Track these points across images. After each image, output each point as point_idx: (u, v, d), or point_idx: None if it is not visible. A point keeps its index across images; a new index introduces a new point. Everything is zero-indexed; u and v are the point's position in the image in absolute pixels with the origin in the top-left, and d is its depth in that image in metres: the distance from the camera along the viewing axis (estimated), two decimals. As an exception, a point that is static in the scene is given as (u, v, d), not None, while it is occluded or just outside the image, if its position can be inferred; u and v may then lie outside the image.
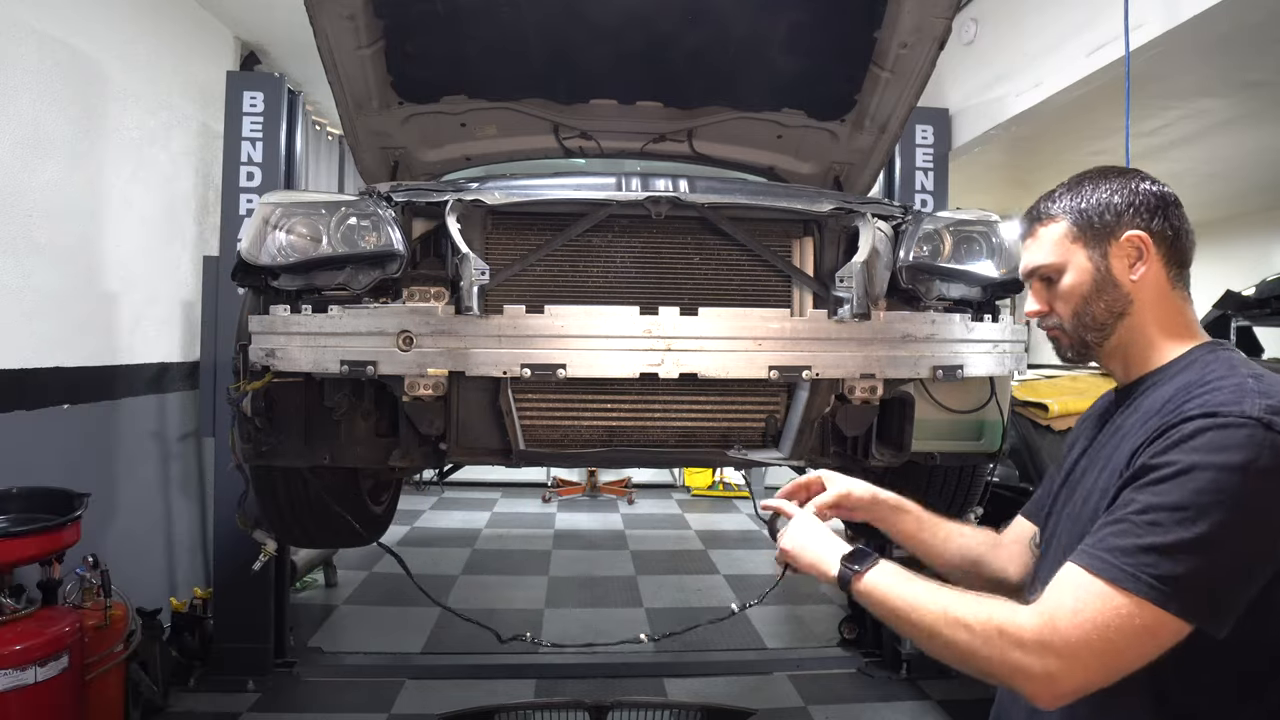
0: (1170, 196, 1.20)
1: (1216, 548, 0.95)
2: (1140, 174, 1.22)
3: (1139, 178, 1.21)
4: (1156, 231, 1.18)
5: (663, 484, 8.98)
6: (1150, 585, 0.96)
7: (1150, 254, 1.17)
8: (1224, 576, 0.97)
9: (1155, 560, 0.96)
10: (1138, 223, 1.18)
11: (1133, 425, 1.12)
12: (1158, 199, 1.19)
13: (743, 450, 2.13)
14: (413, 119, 2.94)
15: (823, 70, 2.83)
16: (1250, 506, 0.96)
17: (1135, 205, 1.18)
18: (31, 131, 3.34)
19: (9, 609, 2.73)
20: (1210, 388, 1.05)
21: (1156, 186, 1.20)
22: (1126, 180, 1.21)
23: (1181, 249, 1.19)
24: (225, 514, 3.92)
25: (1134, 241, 1.17)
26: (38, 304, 3.37)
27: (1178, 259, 1.19)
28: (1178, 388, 1.09)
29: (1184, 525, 0.96)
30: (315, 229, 1.96)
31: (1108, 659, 0.98)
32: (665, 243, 2.09)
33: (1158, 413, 1.07)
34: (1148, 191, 1.19)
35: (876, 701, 3.92)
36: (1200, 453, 0.97)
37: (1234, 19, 3.00)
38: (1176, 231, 1.19)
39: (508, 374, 1.92)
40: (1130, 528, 0.99)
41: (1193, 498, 0.96)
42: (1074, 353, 1.25)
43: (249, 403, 2.00)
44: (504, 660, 4.27)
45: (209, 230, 4.69)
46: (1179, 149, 4.91)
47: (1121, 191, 1.20)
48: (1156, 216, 1.18)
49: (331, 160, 6.59)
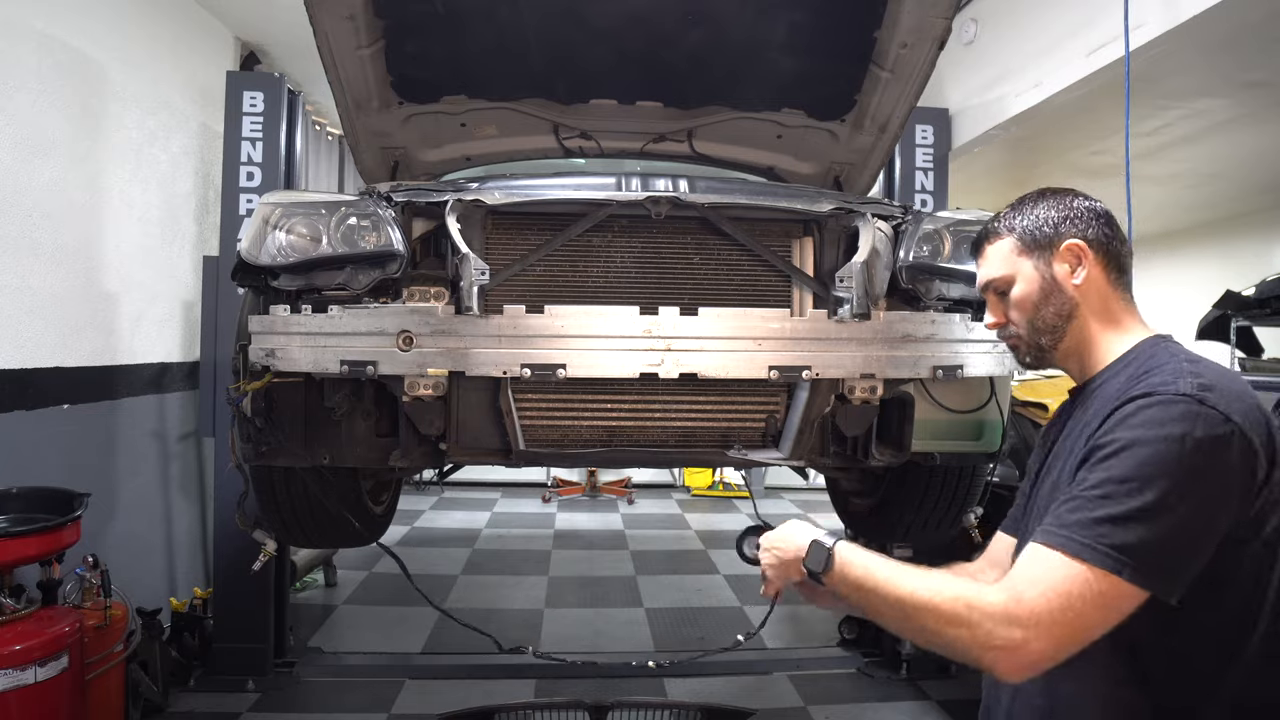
0: (1102, 211, 1.32)
1: (1162, 515, 1.03)
2: (1075, 192, 1.35)
3: (1074, 195, 1.34)
4: (1092, 239, 1.29)
5: (663, 484, 8.98)
6: (1105, 554, 1.03)
7: (1088, 259, 1.29)
8: (1172, 542, 1.04)
9: (1108, 530, 1.04)
10: (1074, 232, 1.30)
11: (1091, 417, 1.19)
12: (1090, 212, 1.31)
13: (743, 450, 2.13)
14: (413, 119, 2.94)
15: (823, 70, 2.82)
16: (1190, 475, 1.04)
17: (1070, 217, 1.31)
18: (31, 131, 3.34)
19: (9, 609, 2.73)
20: (1151, 372, 1.15)
21: (1090, 202, 1.33)
22: (1062, 198, 1.33)
23: (1118, 255, 1.31)
24: (225, 514, 3.92)
25: (1072, 249, 1.29)
26: (37, 304, 3.37)
27: (1116, 265, 1.30)
28: (1125, 379, 1.19)
29: (1131, 495, 1.04)
30: (315, 229, 1.96)
31: (1071, 626, 1.03)
32: (665, 243, 2.09)
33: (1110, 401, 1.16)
34: (1081, 206, 1.32)
35: (876, 701, 3.92)
36: (1141, 428, 1.07)
37: (1234, 19, 3.00)
38: (1110, 239, 1.30)
39: (508, 374, 1.92)
40: (1083, 503, 1.07)
41: (1136, 470, 1.05)
42: (1031, 358, 1.36)
43: (249, 403, 2.00)
44: (504, 660, 4.26)
45: (209, 230, 4.69)
46: (1179, 149, 4.91)
47: (1058, 207, 1.32)
48: (1091, 226, 1.30)
49: (331, 160, 6.59)
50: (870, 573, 1.17)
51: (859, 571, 1.19)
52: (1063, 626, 1.03)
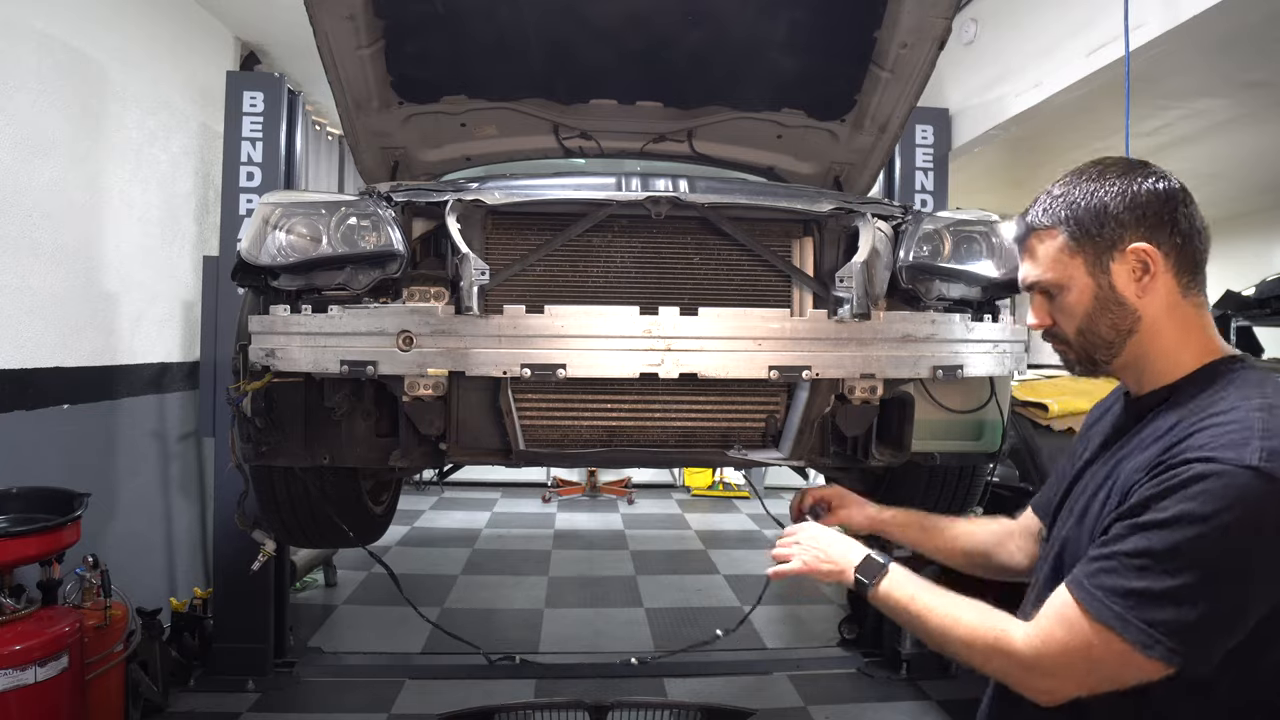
0: (1177, 194, 1.08)
1: (1204, 599, 0.96)
2: (1145, 169, 1.11)
3: (1141, 175, 1.10)
4: (1164, 240, 1.08)
5: (663, 484, 8.99)
6: (1138, 629, 0.98)
7: (1158, 267, 1.08)
8: (1206, 626, 0.97)
9: (1142, 605, 0.98)
10: (1142, 233, 1.08)
11: (1137, 446, 1.10)
12: (1162, 200, 1.08)
13: (743, 450, 2.13)
14: (413, 119, 2.94)
15: (823, 70, 2.82)
16: (1240, 563, 0.95)
17: (1137, 211, 1.08)
18: (31, 131, 3.34)
19: (9, 609, 2.73)
20: (1215, 421, 1.00)
21: (1162, 184, 1.09)
22: (1128, 180, 1.09)
23: (1194, 252, 1.09)
24: (225, 514, 3.92)
25: (1139, 255, 1.08)
26: (37, 304, 3.37)
27: (1190, 264, 1.09)
28: (1184, 412, 1.05)
29: (1171, 574, 0.96)
30: (315, 229, 1.96)
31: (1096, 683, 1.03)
32: (665, 243, 2.09)
33: (1163, 437, 1.05)
34: (1151, 192, 1.08)
35: (876, 701, 3.92)
36: (1193, 501, 0.95)
37: (1234, 19, 3.00)
38: (1186, 236, 1.08)
39: (508, 374, 1.92)
40: (1120, 567, 1.00)
41: (1183, 548, 0.96)
42: (1081, 368, 1.19)
43: (249, 403, 2.00)
44: (504, 660, 4.27)
45: (209, 230, 4.69)
46: (1179, 149, 4.91)
47: (1123, 196, 1.08)
48: (1162, 220, 1.07)
49: (331, 160, 6.59)
50: (914, 599, 1.20)
51: (903, 597, 1.21)
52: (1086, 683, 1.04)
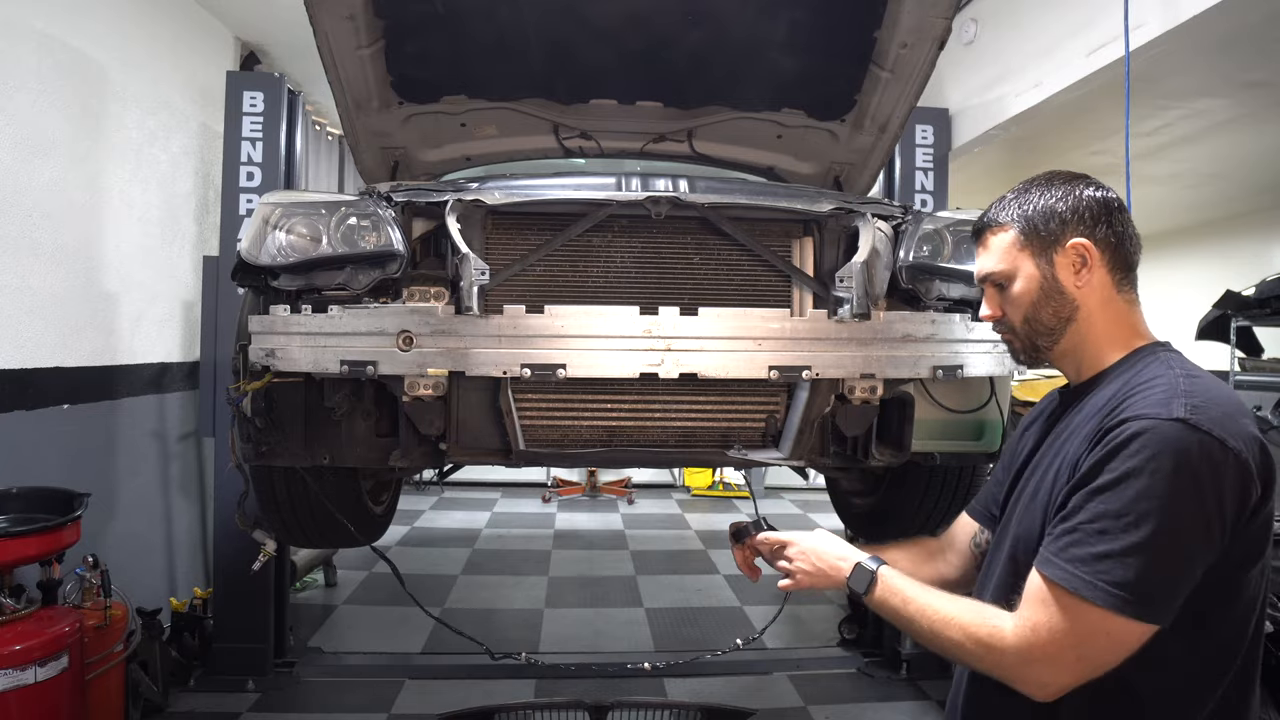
0: (1114, 202, 1.23)
1: (1159, 549, 1.03)
2: (1086, 180, 1.25)
3: (1084, 184, 1.24)
4: (1100, 239, 1.21)
5: (663, 484, 8.99)
6: (1107, 593, 1.04)
7: (1094, 261, 1.21)
8: (1168, 574, 1.04)
9: (1109, 567, 1.04)
10: (1081, 230, 1.21)
11: (1079, 424, 1.19)
12: (1101, 205, 1.22)
13: (743, 450, 2.13)
14: (413, 119, 2.94)
15: (823, 70, 2.82)
16: (1182, 503, 1.03)
17: (1079, 212, 1.22)
18: (31, 131, 3.34)
19: (9, 609, 2.73)
20: (1144, 388, 1.11)
21: (1100, 192, 1.23)
22: (1071, 187, 1.24)
23: (1126, 254, 1.23)
24: (225, 514, 3.92)
25: (1078, 249, 1.21)
26: (37, 304, 3.37)
27: (1123, 263, 1.23)
28: (1117, 388, 1.16)
29: (1129, 530, 1.04)
30: (315, 229, 1.96)
31: (1088, 663, 1.07)
32: (665, 243, 2.09)
33: (1099, 412, 1.15)
34: (1091, 198, 1.22)
35: (876, 701, 3.92)
36: (1134, 458, 1.04)
37: (1234, 19, 3.00)
38: (1120, 237, 1.22)
39: (508, 374, 1.92)
40: (1083, 536, 1.07)
41: (1132, 504, 1.04)
42: (1026, 356, 1.30)
43: (249, 403, 2.00)
44: (504, 660, 4.27)
45: (209, 230, 4.69)
46: (1179, 149, 4.91)
47: (1066, 199, 1.23)
48: (1100, 224, 1.21)
49: (331, 160, 6.59)
50: (906, 603, 1.24)
51: (896, 600, 1.26)
52: (1078, 664, 1.07)
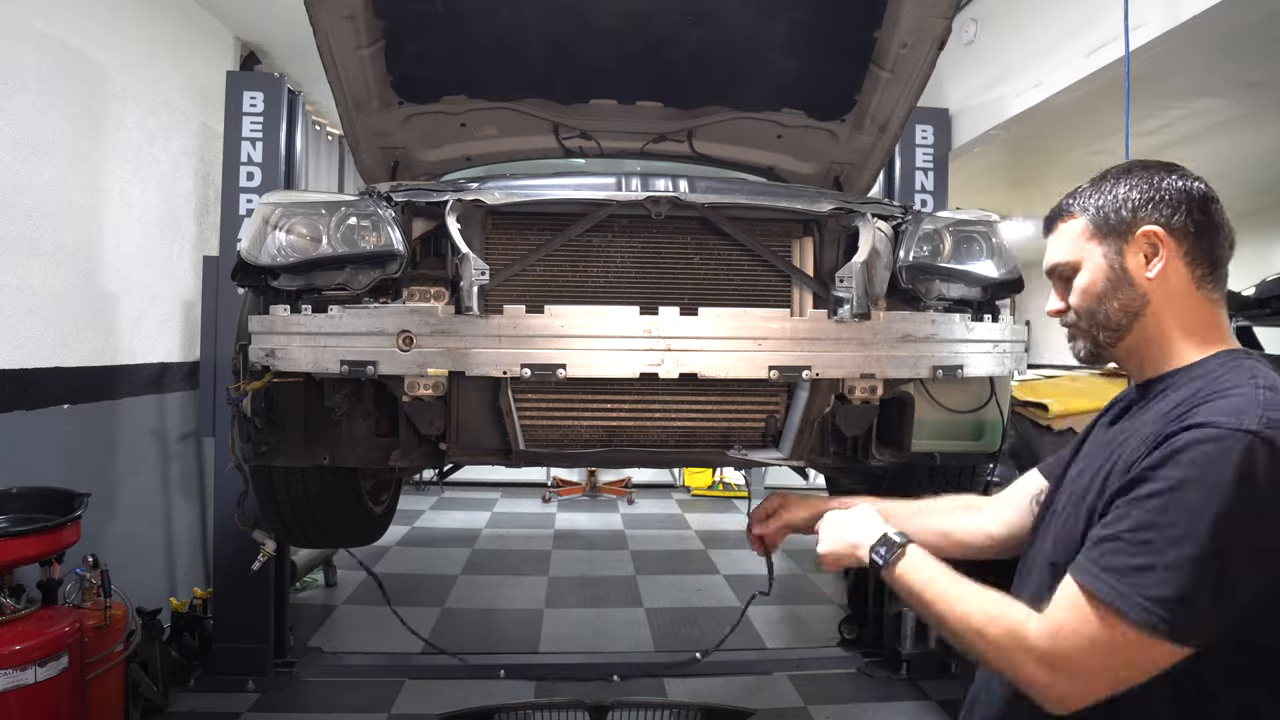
0: (1198, 191, 1.14)
1: (1205, 568, 0.94)
2: (1170, 168, 1.17)
3: (1166, 172, 1.17)
4: (1176, 227, 1.13)
5: (663, 484, 8.99)
6: (1142, 609, 0.96)
7: (1167, 250, 1.13)
8: (1212, 597, 0.95)
9: (1148, 581, 0.96)
10: (1155, 218, 1.14)
11: (1138, 427, 1.10)
12: (1182, 194, 1.14)
13: (743, 450, 2.12)
14: (413, 119, 2.94)
15: (823, 70, 2.82)
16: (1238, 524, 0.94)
17: (1155, 200, 1.14)
18: (31, 131, 3.34)
19: (9, 609, 2.73)
20: (1219, 395, 1.02)
21: (1184, 182, 1.15)
22: (1152, 175, 1.16)
23: (1208, 247, 1.14)
24: (225, 514, 3.92)
25: (1149, 237, 1.14)
26: (37, 304, 3.37)
27: (1205, 258, 1.14)
28: (1187, 394, 1.07)
29: (1175, 545, 0.95)
30: (315, 229, 1.96)
31: (1109, 678, 1.01)
32: (665, 243, 2.09)
33: (1164, 416, 1.06)
34: (1171, 187, 1.15)
35: (876, 701, 3.92)
36: (1192, 468, 0.96)
37: (1234, 19, 3.00)
38: (1202, 228, 1.13)
39: (508, 374, 1.91)
40: (1124, 546, 0.99)
41: (1183, 516, 0.95)
42: (1086, 352, 1.23)
43: (249, 403, 2.00)
44: (504, 661, 4.27)
45: (209, 230, 4.69)
46: (1179, 149, 4.91)
47: (1142, 186, 1.16)
48: (1178, 212, 1.13)
49: (331, 160, 6.59)
50: (930, 583, 1.18)
51: (920, 579, 1.20)
52: (1102, 677, 1.01)
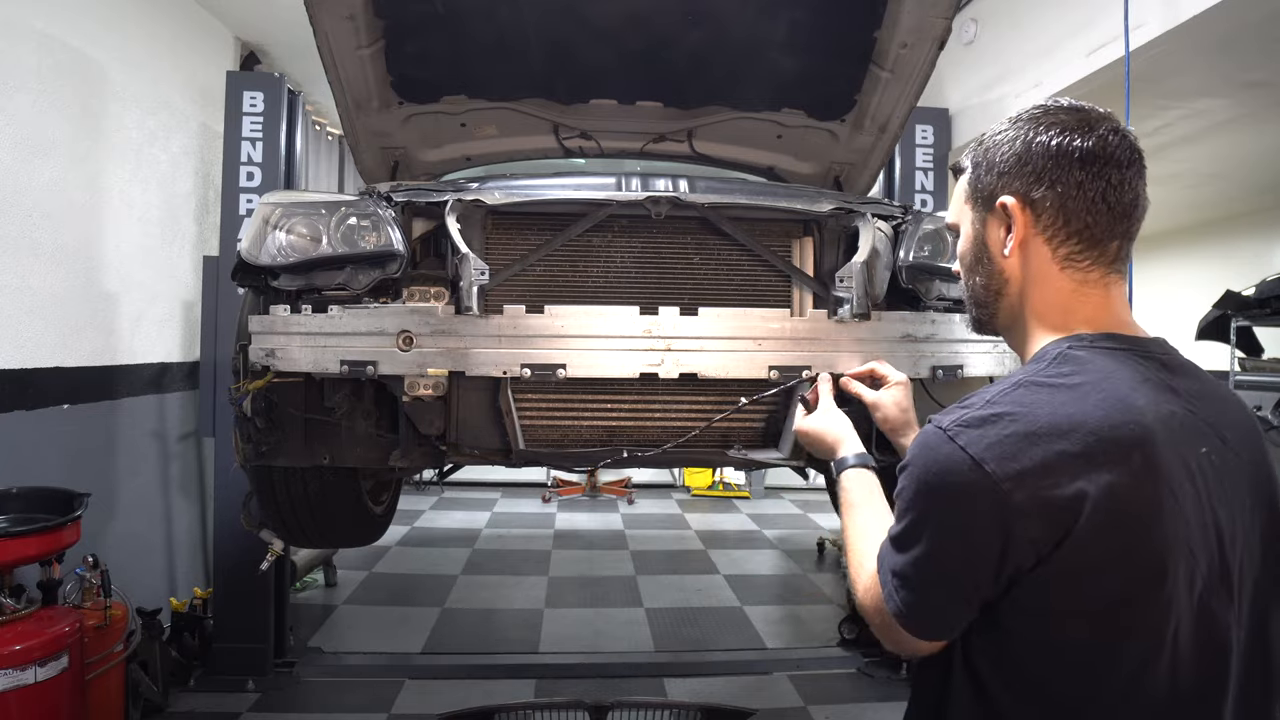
0: (1073, 152, 0.95)
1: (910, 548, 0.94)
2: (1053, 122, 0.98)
3: (1044, 128, 0.98)
4: (1035, 199, 0.97)
5: (663, 484, 8.99)
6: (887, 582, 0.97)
7: (1021, 226, 0.99)
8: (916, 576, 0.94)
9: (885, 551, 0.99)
10: (1014, 186, 0.98)
11: None
12: (1048, 157, 0.96)
13: (743, 450, 2.12)
14: (413, 119, 2.94)
15: (823, 70, 2.82)
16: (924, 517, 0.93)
17: (1019, 163, 0.98)
18: (31, 131, 3.34)
19: (9, 609, 2.73)
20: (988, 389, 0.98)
21: (1059, 139, 0.96)
22: (1028, 129, 0.99)
23: (1079, 221, 0.96)
24: (225, 514, 3.92)
25: (1004, 209, 0.99)
26: (37, 304, 3.37)
27: (1074, 234, 0.97)
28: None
29: (896, 521, 0.98)
30: (315, 229, 1.96)
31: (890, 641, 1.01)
32: (665, 243, 2.09)
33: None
34: (1040, 147, 0.97)
35: (876, 701, 3.92)
36: (912, 450, 0.96)
37: (1234, 19, 3.00)
38: (1066, 199, 0.96)
39: (508, 374, 1.92)
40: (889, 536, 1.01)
41: (900, 499, 0.97)
42: (972, 323, 1.13)
43: (249, 403, 2.00)
44: (504, 660, 4.28)
45: (209, 230, 4.69)
46: (1179, 149, 4.91)
47: (1015, 144, 0.99)
48: (1041, 181, 0.96)
49: (331, 160, 6.59)
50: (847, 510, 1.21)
51: (845, 502, 1.24)
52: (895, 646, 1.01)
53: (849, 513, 1.21)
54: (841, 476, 1.29)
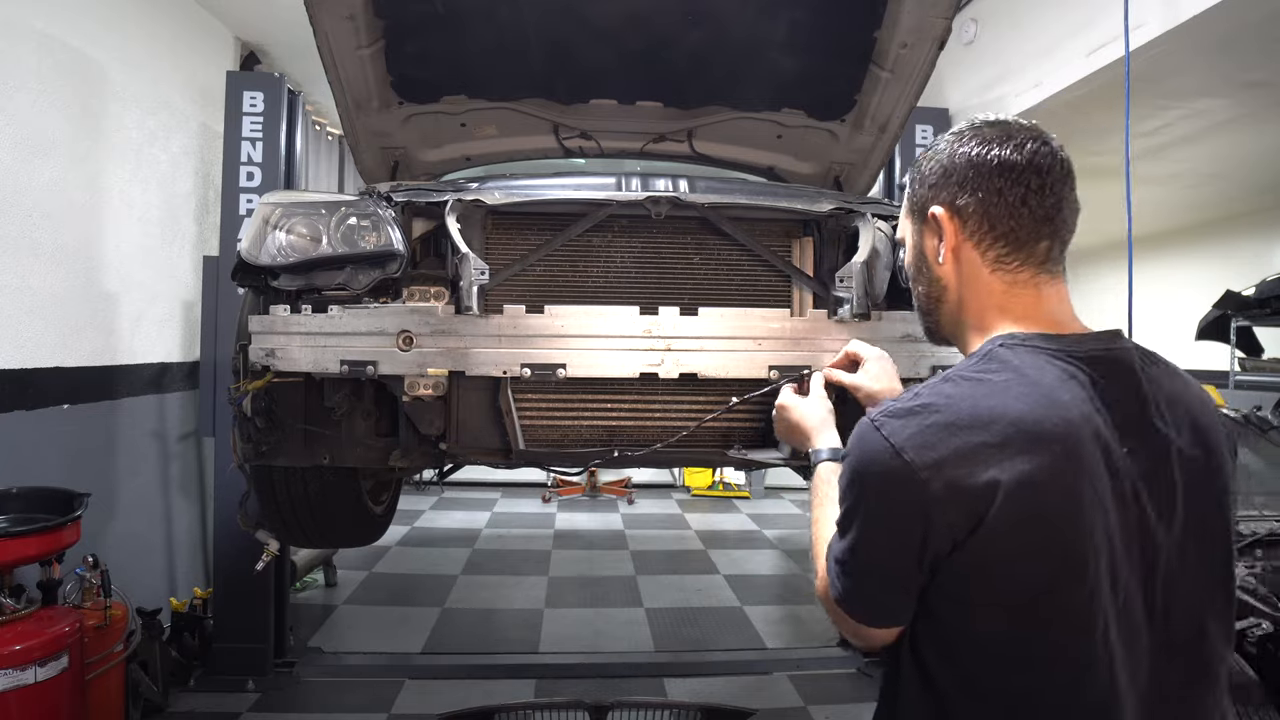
0: (990, 161, 1.00)
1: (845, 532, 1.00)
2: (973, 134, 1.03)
3: (964, 141, 1.03)
4: (960, 206, 1.03)
5: (663, 484, 8.99)
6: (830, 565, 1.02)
7: (951, 233, 1.04)
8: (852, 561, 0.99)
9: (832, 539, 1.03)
10: (941, 197, 1.05)
11: None
12: (967, 167, 1.02)
13: (743, 450, 2.12)
14: (413, 119, 2.94)
15: (823, 70, 2.82)
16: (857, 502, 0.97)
17: (944, 175, 1.04)
18: (31, 131, 3.34)
19: (9, 609, 2.73)
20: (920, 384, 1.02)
21: (976, 150, 1.01)
22: (953, 143, 1.05)
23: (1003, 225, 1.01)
24: (225, 514, 3.92)
25: (933, 219, 1.06)
26: (37, 304, 3.37)
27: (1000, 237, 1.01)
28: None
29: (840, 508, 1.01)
30: (315, 229, 1.96)
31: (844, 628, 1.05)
32: (665, 243, 2.09)
33: None
34: (961, 158, 1.02)
35: (876, 701, 3.91)
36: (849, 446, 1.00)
37: (1234, 19, 3.00)
38: (988, 205, 1.01)
39: (507, 374, 1.92)
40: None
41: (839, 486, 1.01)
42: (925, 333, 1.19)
43: (249, 403, 2.00)
44: (504, 660, 4.28)
45: (209, 230, 4.69)
46: (1179, 149, 4.91)
47: (940, 158, 1.05)
48: (964, 190, 1.02)
49: (331, 160, 6.59)
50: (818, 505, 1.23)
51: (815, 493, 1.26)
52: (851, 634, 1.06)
53: (816, 506, 1.24)
54: (816, 469, 1.33)
